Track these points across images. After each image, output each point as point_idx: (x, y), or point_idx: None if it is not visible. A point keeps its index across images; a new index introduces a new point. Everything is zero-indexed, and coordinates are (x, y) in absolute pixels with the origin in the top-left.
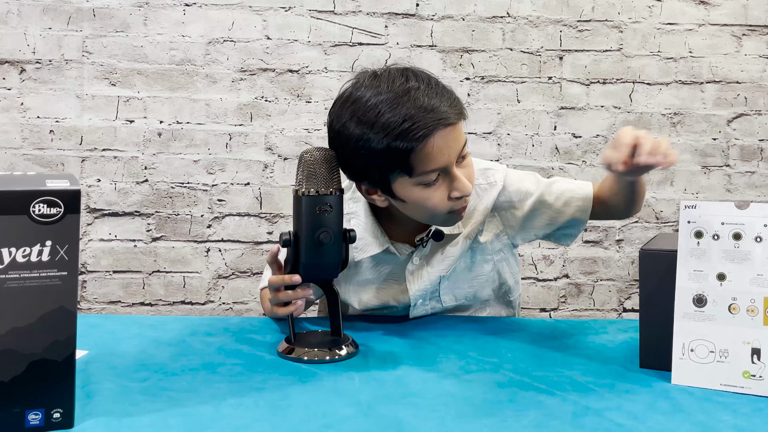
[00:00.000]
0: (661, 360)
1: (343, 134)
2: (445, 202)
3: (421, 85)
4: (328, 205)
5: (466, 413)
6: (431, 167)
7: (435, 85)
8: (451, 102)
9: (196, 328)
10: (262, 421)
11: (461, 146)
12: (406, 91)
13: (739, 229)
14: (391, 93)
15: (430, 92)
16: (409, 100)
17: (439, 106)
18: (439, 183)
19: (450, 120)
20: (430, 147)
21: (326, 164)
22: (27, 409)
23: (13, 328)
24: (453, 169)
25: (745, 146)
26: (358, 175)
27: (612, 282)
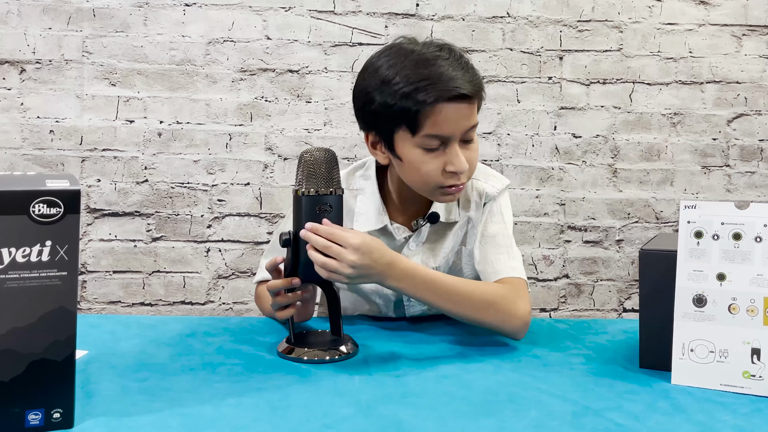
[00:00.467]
0: (661, 360)
1: (370, 76)
2: (438, 174)
3: (450, 57)
4: (327, 204)
5: (466, 413)
6: (434, 132)
7: (463, 61)
8: (472, 79)
9: (196, 328)
10: (262, 421)
11: (469, 126)
12: (435, 57)
13: (739, 229)
14: (422, 55)
15: (455, 64)
16: (434, 65)
17: (458, 78)
18: (438, 152)
19: (465, 92)
20: (438, 111)
21: (326, 164)
22: (27, 409)
23: (13, 328)
24: (455, 143)
25: (745, 146)
26: (369, 122)
27: (612, 282)
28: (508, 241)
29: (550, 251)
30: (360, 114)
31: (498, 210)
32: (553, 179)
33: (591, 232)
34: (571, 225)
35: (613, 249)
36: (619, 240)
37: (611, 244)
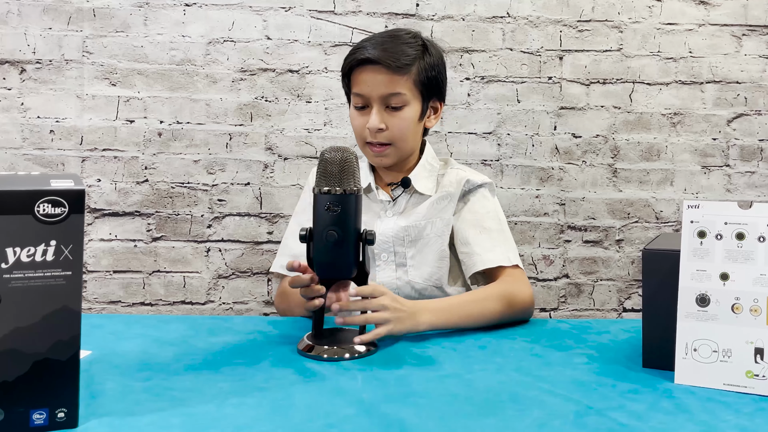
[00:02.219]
0: (664, 360)
1: None
2: (362, 130)
3: (397, 35)
4: (336, 204)
5: (469, 413)
6: (356, 91)
7: (406, 38)
8: (394, 53)
9: (199, 327)
10: (265, 421)
11: (388, 92)
12: (383, 34)
13: (742, 228)
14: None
15: (391, 40)
16: (374, 39)
17: (378, 48)
18: (364, 111)
19: (376, 61)
20: (359, 74)
21: (339, 165)
22: (31, 408)
23: (17, 328)
24: (374, 105)
25: (745, 146)
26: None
27: (612, 282)
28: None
29: (550, 251)
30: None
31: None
32: (553, 179)
33: (591, 232)
34: (571, 225)
35: (613, 249)
36: (619, 240)
37: (611, 244)
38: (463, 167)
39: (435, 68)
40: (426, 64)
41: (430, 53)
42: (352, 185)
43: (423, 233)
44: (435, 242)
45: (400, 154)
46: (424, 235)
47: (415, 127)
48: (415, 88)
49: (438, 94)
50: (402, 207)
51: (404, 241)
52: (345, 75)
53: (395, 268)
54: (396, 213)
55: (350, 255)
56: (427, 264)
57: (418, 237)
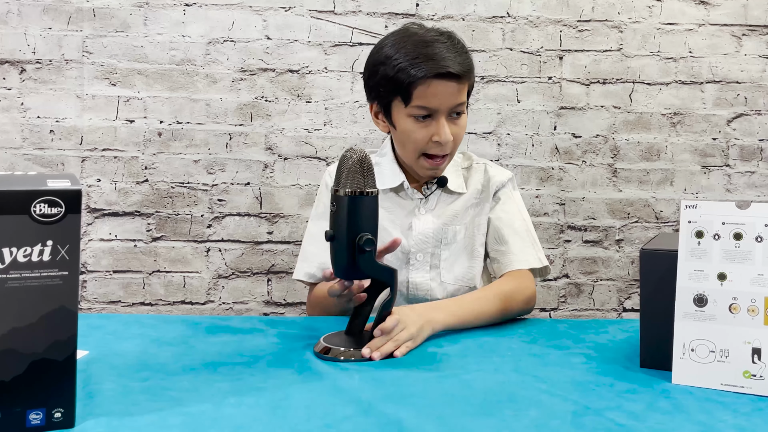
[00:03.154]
0: (662, 360)
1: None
2: (425, 142)
3: (448, 42)
4: (334, 203)
5: (467, 413)
6: (423, 104)
7: (459, 46)
8: (462, 62)
9: (197, 327)
10: (263, 421)
11: (456, 103)
12: (434, 40)
13: (739, 228)
14: (423, 37)
15: (450, 47)
16: (431, 46)
17: (450, 59)
18: (426, 122)
19: (452, 71)
20: (426, 85)
21: (341, 165)
22: (28, 408)
23: (13, 328)
24: (442, 117)
25: (745, 146)
26: (372, 93)
27: (612, 282)
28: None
29: (550, 251)
30: (366, 86)
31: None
32: (553, 179)
33: (591, 231)
34: (571, 225)
35: (612, 249)
36: (618, 240)
37: (611, 244)
38: (485, 161)
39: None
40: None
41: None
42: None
43: (457, 237)
44: (468, 245)
45: (449, 162)
46: (458, 239)
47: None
48: (467, 95)
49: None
50: (434, 204)
51: (441, 242)
52: (403, 85)
53: (429, 269)
54: (429, 210)
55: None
56: (460, 265)
57: (453, 240)
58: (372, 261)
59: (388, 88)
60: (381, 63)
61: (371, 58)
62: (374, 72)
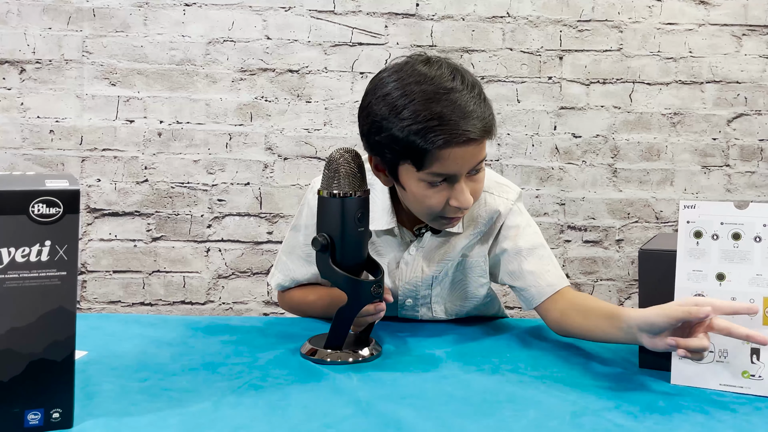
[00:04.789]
0: (660, 360)
1: (378, 100)
2: (441, 207)
3: (464, 89)
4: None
5: (466, 413)
6: (440, 171)
7: (478, 95)
8: (484, 118)
9: (197, 327)
10: (262, 421)
11: (478, 161)
12: (447, 91)
13: (738, 229)
14: (435, 86)
15: (470, 101)
16: (447, 100)
17: (471, 119)
18: (442, 186)
19: (475, 137)
20: (446, 154)
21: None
22: (26, 409)
23: (12, 328)
24: (461, 179)
25: (745, 146)
26: (374, 149)
27: (612, 282)
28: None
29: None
30: (365, 137)
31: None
32: (553, 179)
33: (591, 231)
34: (571, 225)
35: (612, 249)
36: (618, 240)
37: (611, 244)
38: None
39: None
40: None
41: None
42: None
43: (449, 273)
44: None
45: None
46: (450, 275)
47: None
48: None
49: None
50: (426, 243)
51: (431, 285)
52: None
53: (419, 308)
54: (420, 249)
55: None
56: (451, 301)
57: (444, 278)
58: (325, 264)
59: (397, 151)
60: (385, 118)
61: (372, 107)
62: (377, 127)
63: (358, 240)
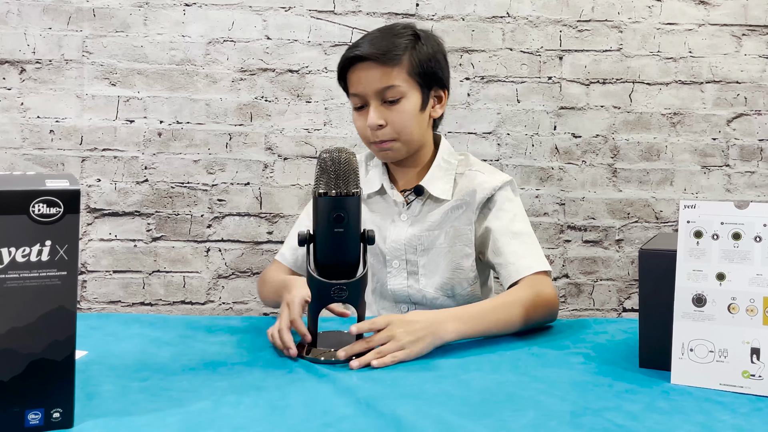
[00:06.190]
0: (661, 360)
1: None
2: (365, 130)
3: (387, 29)
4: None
5: (465, 413)
6: (352, 91)
7: (395, 31)
8: (381, 45)
9: (197, 327)
10: (262, 421)
11: (383, 86)
12: (370, 33)
13: (738, 228)
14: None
15: (376, 37)
16: (363, 37)
17: (365, 43)
18: (363, 110)
19: (367, 57)
20: (352, 73)
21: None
22: (26, 408)
23: (12, 328)
24: (371, 101)
25: (744, 146)
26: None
27: (612, 282)
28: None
29: (550, 251)
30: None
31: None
32: (552, 179)
33: (591, 231)
34: (571, 225)
35: (612, 249)
36: (618, 240)
37: (611, 244)
38: (483, 167)
39: (431, 56)
40: (419, 53)
41: (423, 42)
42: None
43: (435, 242)
44: (448, 252)
45: (407, 148)
46: (436, 245)
47: (417, 118)
48: (411, 79)
49: (438, 82)
50: (417, 211)
51: (416, 249)
52: (341, 78)
53: (407, 275)
54: (411, 216)
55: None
56: (439, 274)
57: (431, 246)
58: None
59: (341, 83)
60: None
61: None
62: None
63: (334, 241)
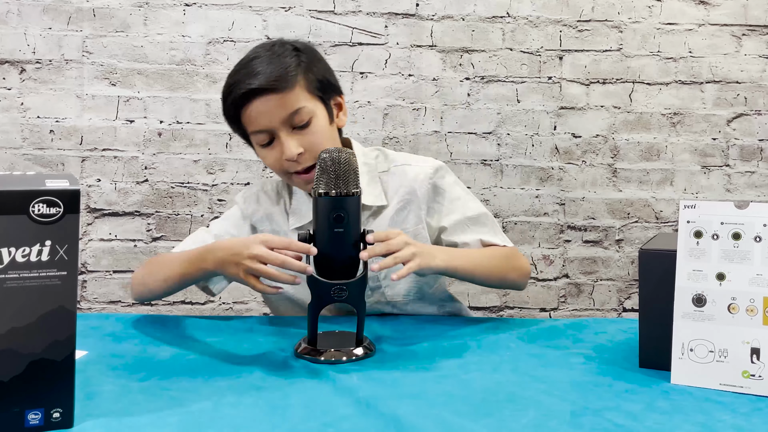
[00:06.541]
0: (661, 360)
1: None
2: (280, 164)
3: (265, 53)
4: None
5: (465, 413)
6: (254, 129)
7: (278, 52)
8: (277, 71)
9: (196, 327)
10: (262, 421)
11: (289, 113)
12: (249, 60)
13: (738, 228)
14: (242, 60)
15: (260, 62)
16: (244, 67)
17: (260, 75)
18: (273, 145)
19: (263, 88)
20: (249, 110)
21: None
22: (27, 408)
23: (12, 328)
24: (280, 133)
25: (744, 146)
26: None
27: (612, 282)
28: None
29: (550, 251)
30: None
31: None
32: (552, 179)
33: (591, 231)
34: (571, 225)
35: (612, 249)
36: (618, 240)
37: (611, 244)
38: (405, 158)
39: (320, 66)
40: (310, 67)
41: (306, 54)
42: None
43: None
44: None
45: None
46: None
47: (330, 133)
48: (312, 96)
49: (334, 90)
50: None
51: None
52: (231, 118)
53: (371, 292)
54: None
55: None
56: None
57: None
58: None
59: (234, 128)
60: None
61: None
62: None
63: (335, 241)
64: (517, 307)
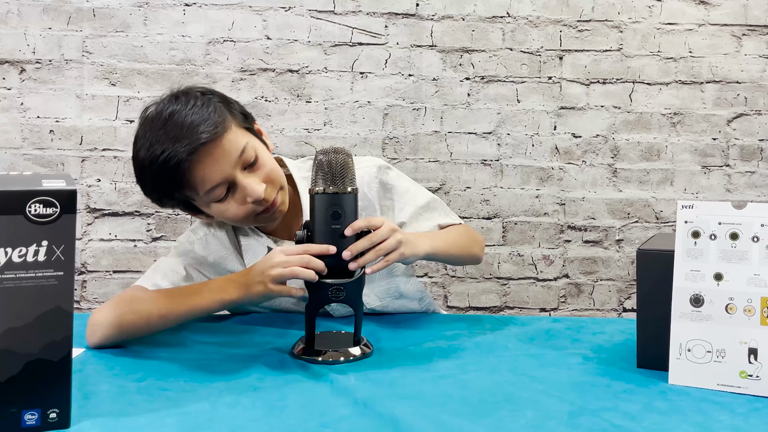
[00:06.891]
0: (659, 360)
1: (134, 160)
2: (246, 209)
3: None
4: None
5: (463, 413)
6: (209, 186)
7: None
8: (207, 120)
9: (194, 328)
10: (259, 421)
11: (237, 155)
12: (166, 121)
13: (736, 229)
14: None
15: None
16: (172, 130)
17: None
18: (231, 194)
19: (205, 142)
20: (196, 171)
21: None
22: (23, 409)
23: (9, 328)
24: (237, 178)
25: (745, 146)
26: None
27: (612, 282)
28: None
29: (550, 251)
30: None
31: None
32: (553, 179)
33: (591, 231)
34: (571, 225)
35: (612, 249)
36: (618, 240)
37: (611, 244)
38: None
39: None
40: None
41: (214, 95)
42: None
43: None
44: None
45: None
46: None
47: (273, 159)
48: (245, 130)
49: (250, 117)
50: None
51: None
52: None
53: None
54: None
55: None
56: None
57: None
58: None
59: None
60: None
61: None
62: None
63: (332, 238)
64: (517, 308)
